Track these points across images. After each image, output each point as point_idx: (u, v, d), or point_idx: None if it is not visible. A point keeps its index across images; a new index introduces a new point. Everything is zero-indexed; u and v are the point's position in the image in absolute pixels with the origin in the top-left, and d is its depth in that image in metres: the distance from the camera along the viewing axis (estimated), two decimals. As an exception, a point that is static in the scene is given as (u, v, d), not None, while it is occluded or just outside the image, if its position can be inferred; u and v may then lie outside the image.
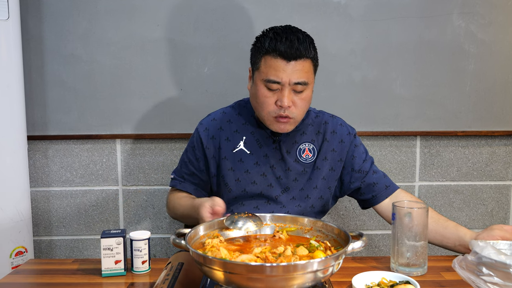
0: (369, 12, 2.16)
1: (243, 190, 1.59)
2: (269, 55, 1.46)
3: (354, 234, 1.23)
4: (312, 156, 1.61)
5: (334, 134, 1.63)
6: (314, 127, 1.64)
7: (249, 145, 1.60)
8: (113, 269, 1.30)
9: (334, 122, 1.65)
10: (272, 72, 1.45)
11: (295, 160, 1.60)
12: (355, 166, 1.63)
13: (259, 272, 1.00)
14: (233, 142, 1.60)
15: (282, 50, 1.43)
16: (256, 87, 1.50)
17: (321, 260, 1.03)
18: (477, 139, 2.29)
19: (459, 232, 1.46)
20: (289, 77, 1.44)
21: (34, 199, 2.25)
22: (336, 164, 1.62)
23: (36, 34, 2.14)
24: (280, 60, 1.44)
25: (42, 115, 2.18)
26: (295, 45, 1.43)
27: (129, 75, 2.17)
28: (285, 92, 1.45)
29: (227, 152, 1.60)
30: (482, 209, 2.34)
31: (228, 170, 1.59)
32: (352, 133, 1.66)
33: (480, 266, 1.21)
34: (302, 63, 1.45)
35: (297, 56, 1.44)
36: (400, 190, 1.64)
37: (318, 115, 1.66)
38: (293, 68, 1.44)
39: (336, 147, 1.62)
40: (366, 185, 1.62)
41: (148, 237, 1.34)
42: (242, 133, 1.61)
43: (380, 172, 1.65)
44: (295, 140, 1.61)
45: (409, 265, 1.30)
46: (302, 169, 1.61)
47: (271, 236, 1.33)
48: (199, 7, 2.14)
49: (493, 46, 2.19)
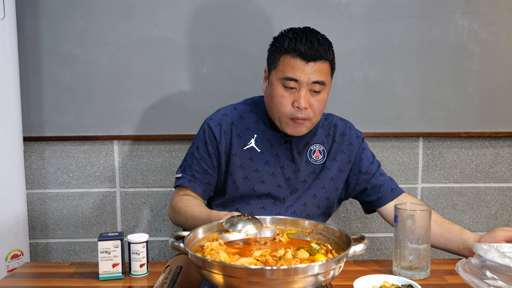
0: (371, 11, 2.16)
1: (252, 189, 1.60)
2: (288, 55, 1.49)
3: (355, 236, 1.23)
4: (322, 158, 1.64)
5: (343, 137, 1.67)
6: (324, 129, 1.67)
7: (260, 143, 1.61)
8: (111, 272, 1.30)
9: (343, 125, 1.69)
10: (290, 71, 1.48)
11: (306, 161, 1.62)
12: (362, 168, 1.65)
13: (259, 275, 1.00)
14: (244, 139, 1.61)
15: (302, 50, 1.46)
16: (272, 86, 1.52)
17: (322, 263, 1.03)
18: (480, 140, 2.29)
19: (463, 236, 1.46)
20: (307, 76, 1.47)
21: (30, 201, 2.24)
22: (344, 165, 1.65)
23: (33, 33, 2.14)
24: (300, 60, 1.47)
25: (38, 116, 2.18)
26: (315, 46, 1.46)
27: (127, 75, 2.17)
28: (302, 93, 1.48)
29: (238, 148, 1.60)
30: (486, 212, 2.34)
31: (238, 168, 1.60)
32: (361, 137, 1.70)
33: (484, 270, 1.21)
34: (321, 65, 1.48)
35: (316, 57, 1.47)
36: (406, 194, 1.65)
37: (327, 117, 1.70)
38: (311, 68, 1.47)
39: (345, 148, 1.66)
40: (372, 186, 1.64)
41: (146, 240, 1.34)
42: (253, 131, 1.62)
43: (386, 175, 1.68)
44: (306, 141, 1.63)
45: (412, 268, 1.30)
46: (311, 170, 1.63)
47: (271, 239, 1.33)
48: (198, 6, 2.14)
49: (497, 45, 2.20)
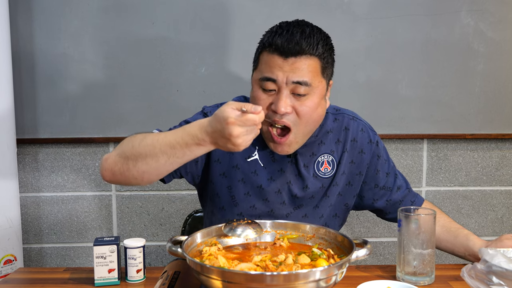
0: (374, 10, 2.17)
1: (252, 206, 1.45)
2: (265, 51, 1.31)
3: (358, 241, 1.23)
4: (331, 169, 1.47)
5: (355, 143, 1.48)
6: (333, 134, 1.47)
7: (261, 156, 1.43)
8: (107, 278, 1.30)
9: (355, 127, 1.49)
10: (267, 69, 1.29)
11: (313, 175, 1.45)
12: (380, 182, 1.51)
13: (259, 281, 1.00)
14: (247, 149, 1.36)
15: (279, 44, 1.26)
16: (252, 89, 1.36)
17: (323, 269, 1.03)
18: (486, 142, 2.29)
19: (468, 242, 1.46)
20: (286, 75, 1.27)
21: (24, 205, 2.25)
22: (354, 178, 1.49)
23: (26, 32, 2.14)
24: (277, 56, 1.27)
25: (32, 117, 2.19)
26: (296, 38, 1.26)
27: (123, 75, 2.17)
28: (282, 95, 1.28)
29: (240, 159, 1.43)
30: (492, 216, 2.34)
31: (238, 182, 1.44)
32: (374, 141, 1.51)
33: (490, 275, 1.21)
34: (305, 61, 1.27)
35: (296, 52, 1.26)
36: (426, 201, 1.58)
37: (337, 118, 1.49)
38: (291, 65, 1.27)
39: (356, 158, 1.48)
40: (391, 204, 1.53)
41: (143, 245, 1.34)
42: (255, 142, 1.40)
43: (403, 183, 1.55)
44: (313, 152, 1.45)
45: (416, 274, 1.30)
46: (320, 185, 1.46)
47: (271, 243, 1.33)
48: (196, 4, 2.14)
49: (503, 45, 2.20)
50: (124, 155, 1.23)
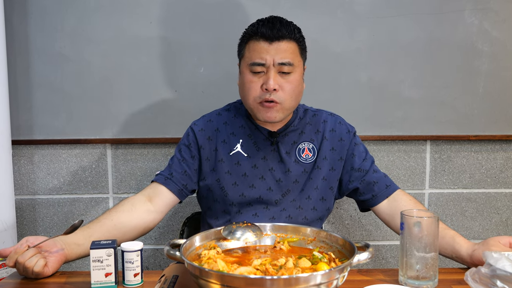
0: (376, 9, 2.17)
1: (241, 194, 1.62)
2: (251, 40, 1.56)
3: (360, 245, 1.23)
4: (312, 155, 1.66)
5: (333, 133, 1.68)
6: (312, 126, 1.69)
7: (246, 148, 1.65)
8: (103, 282, 1.31)
9: (333, 120, 1.71)
10: (255, 55, 1.54)
11: (295, 160, 1.64)
12: (355, 165, 1.67)
13: (259, 285, 1.01)
14: (229, 145, 1.65)
15: (263, 31, 1.52)
16: (242, 75, 1.59)
17: (324, 272, 1.04)
18: (491, 144, 2.29)
19: (454, 244, 1.46)
20: (273, 57, 1.52)
21: (19, 208, 2.25)
22: (336, 163, 1.66)
23: (22, 31, 2.15)
24: (263, 42, 1.53)
25: (27, 118, 2.19)
26: (277, 26, 1.53)
27: (120, 75, 2.18)
28: (270, 74, 1.52)
29: (224, 154, 1.65)
30: (496, 218, 2.34)
31: (225, 174, 1.63)
32: (352, 132, 1.70)
33: (494, 279, 1.21)
34: (286, 44, 1.53)
35: (279, 36, 1.52)
36: (400, 190, 1.66)
37: (316, 113, 1.72)
38: (276, 49, 1.52)
39: (336, 145, 1.67)
40: (365, 184, 1.65)
41: (140, 248, 1.34)
42: (238, 136, 1.66)
43: (380, 172, 1.69)
44: (294, 140, 1.66)
45: (419, 278, 1.30)
46: (302, 170, 1.65)
47: (271, 247, 1.33)
48: (195, 3, 2.15)
49: (508, 44, 2.20)
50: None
